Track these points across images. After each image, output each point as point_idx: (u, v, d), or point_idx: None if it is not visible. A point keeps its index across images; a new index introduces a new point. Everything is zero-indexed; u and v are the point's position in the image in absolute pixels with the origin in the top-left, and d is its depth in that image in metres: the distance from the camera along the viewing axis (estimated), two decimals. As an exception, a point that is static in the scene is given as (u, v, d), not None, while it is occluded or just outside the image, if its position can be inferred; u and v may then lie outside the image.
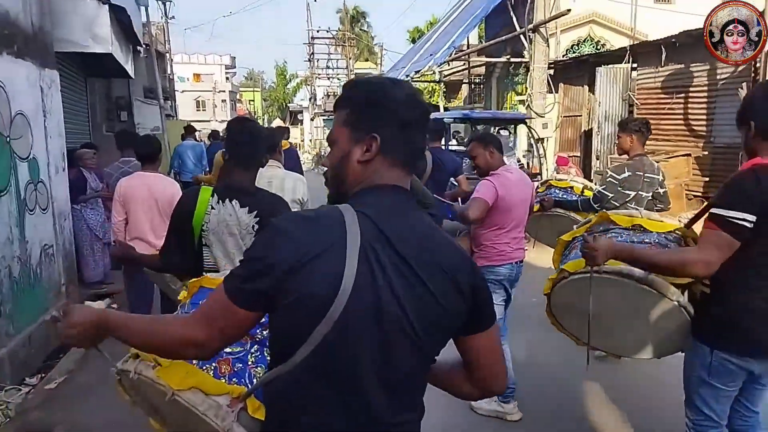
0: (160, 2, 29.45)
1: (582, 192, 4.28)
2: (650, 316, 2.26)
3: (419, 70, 13.43)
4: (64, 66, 8.99)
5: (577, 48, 13.91)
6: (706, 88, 9.31)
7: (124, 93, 15.07)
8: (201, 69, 56.50)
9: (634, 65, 10.70)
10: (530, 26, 10.38)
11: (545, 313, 2.75)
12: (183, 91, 51.18)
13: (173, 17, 28.81)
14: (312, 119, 37.37)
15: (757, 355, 2.05)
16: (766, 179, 1.94)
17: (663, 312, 2.21)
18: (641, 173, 3.90)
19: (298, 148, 34.46)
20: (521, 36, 13.13)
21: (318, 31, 32.79)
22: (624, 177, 3.89)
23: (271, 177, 3.50)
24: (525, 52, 14.41)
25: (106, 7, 7.62)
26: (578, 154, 12.36)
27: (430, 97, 23.88)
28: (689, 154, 9.19)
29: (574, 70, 12.19)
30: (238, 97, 59.14)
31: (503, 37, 13.07)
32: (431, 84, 23.91)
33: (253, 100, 61.91)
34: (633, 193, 3.90)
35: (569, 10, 10.53)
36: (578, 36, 13.96)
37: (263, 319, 1.18)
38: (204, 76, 55.16)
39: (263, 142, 2.56)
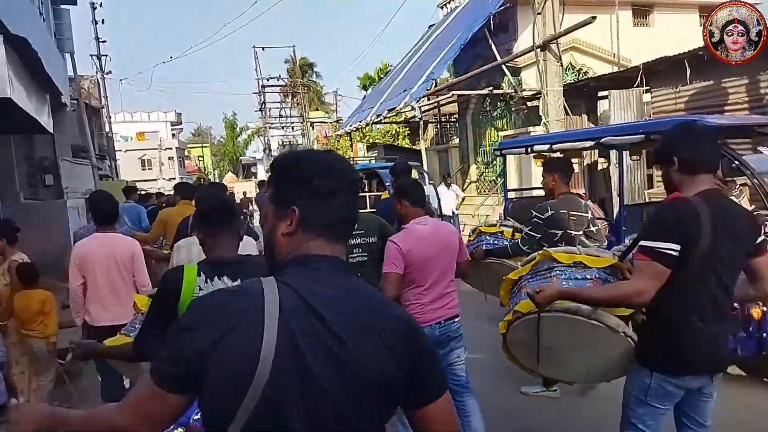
0: (94, 57, 27.89)
1: (512, 236, 4.21)
2: (599, 347, 2.44)
3: (394, 108, 11.90)
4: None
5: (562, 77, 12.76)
6: (746, 105, 8.06)
7: (48, 153, 12.92)
8: (145, 126, 54.98)
9: (646, 88, 9.44)
10: (540, 42, 9.03)
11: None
12: (126, 150, 49.55)
13: (110, 72, 26.77)
14: (267, 171, 35.55)
15: (694, 372, 2.21)
16: (684, 211, 2.11)
17: (610, 342, 2.36)
18: (565, 211, 3.88)
19: (248, 203, 32.15)
20: (503, 67, 11.88)
21: (268, 80, 31.48)
22: (548, 216, 3.85)
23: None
24: (503, 84, 13.22)
25: (0, 38, 5.71)
26: (581, 191, 10.96)
27: (394, 140, 22.54)
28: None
29: (571, 98, 10.92)
30: (186, 153, 57.41)
31: (482, 68, 11.75)
32: (394, 126, 22.63)
33: (203, 156, 60.09)
34: (560, 232, 3.85)
35: (594, 18, 9.03)
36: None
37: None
38: (148, 133, 53.56)
39: (237, 210, 2.39)
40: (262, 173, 40.30)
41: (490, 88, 12.26)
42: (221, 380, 1.02)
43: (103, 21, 27.45)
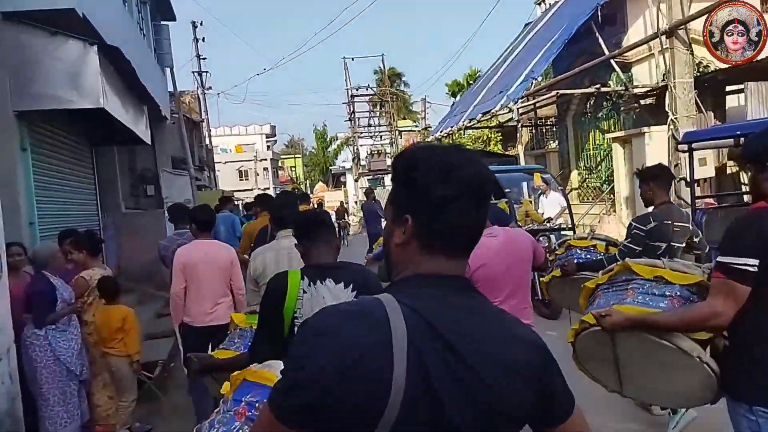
0: (195, 74, 29.28)
1: (606, 250, 3.93)
2: (672, 369, 2.25)
3: (489, 110, 11.15)
4: (57, 131, 7.15)
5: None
6: None
7: (150, 164, 13.41)
8: (242, 139, 57.36)
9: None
10: (666, 28, 7.98)
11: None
12: (226, 162, 51.92)
13: (210, 87, 27.98)
14: (356, 180, 35.70)
15: None
16: (765, 223, 1.95)
17: (685, 367, 2.17)
18: (669, 222, 3.62)
19: (344, 213, 32.23)
20: (611, 63, 10.78)
21: (357, 89, 31.55)
22: (651, 228, 3.59)
23: (290, 248, 3.06)
24: (610, 81, 12.06)
25: (94, 48, 5.69)
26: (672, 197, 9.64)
27: (485, 146, 21.63)
28: None
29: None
30: (279, 164, 59.31)
31: (587, 65, 10.73)
32: (485, 131, 21.73)
33: (295, 167, 61.79)
34: (664, 245, 3.57)
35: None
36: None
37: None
38: (245, 146, 55.81)
39: (328, 225, 2.50)
40: (351, 182, 40.59)
41: (597, 86, 11.18)
42: (347, 414, 0.92)
43: (203, 39, 28.92)
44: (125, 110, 7.39)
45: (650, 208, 3.76)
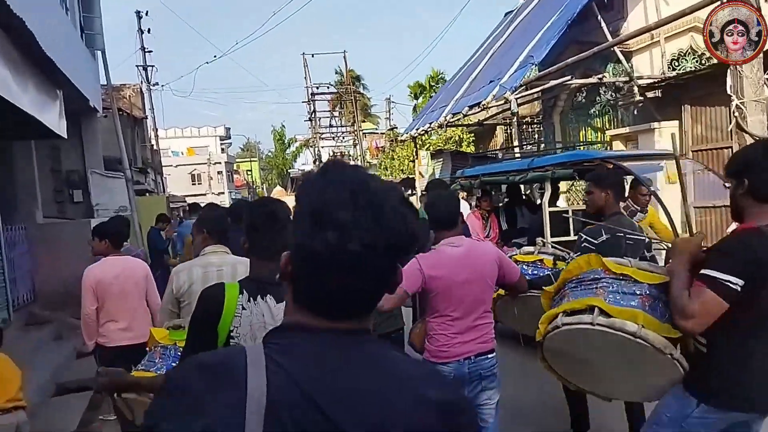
0: (140, 68, 26.98)
1: (554, 264, 3.60)
2: (643, 368, 2.29)
3: (478, 102, 9.65)
4: None
5: (677, 63, 10.28)
6: None
7: (78, 165, 11.40)
8: (195, 142, 55.32)
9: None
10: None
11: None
12: (177, 165, 49.85)
13: (156, 83, 25.73)
14: (317, 184, 33.91)
15: (749, 410, 2.11)
16: (756, 246, 1.98)
17: (656, 364, 2.23)
18: (621, 234, 3.36)
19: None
20: (613, 51, 9.50)
21: (318, 87, 29.85)
22: (602, 241, 3.33)
23: (221, 264, 3.02)
24: (606, 73, 10.80)
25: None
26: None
27: (457, 147, 20.29)
28: None
29: (705, 85, 8.49)
30: (234, 167, 57.39)
31: (583, 54, 9.40)
32: (457, 132, 20.41)
33: (251, 170, 59.73)
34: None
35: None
36: (678, 48, 10.38)
37: None
38: (198, 148, 53.83)
39: (289, 224, 1.68)
40: (312, 186, 38.82)
41: (601, 76, 9.88)
42: None
43: (149, 30, 26.65)
44: (22, 90, 5.54)
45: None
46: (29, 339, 6.95)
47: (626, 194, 3.70)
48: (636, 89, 9.89)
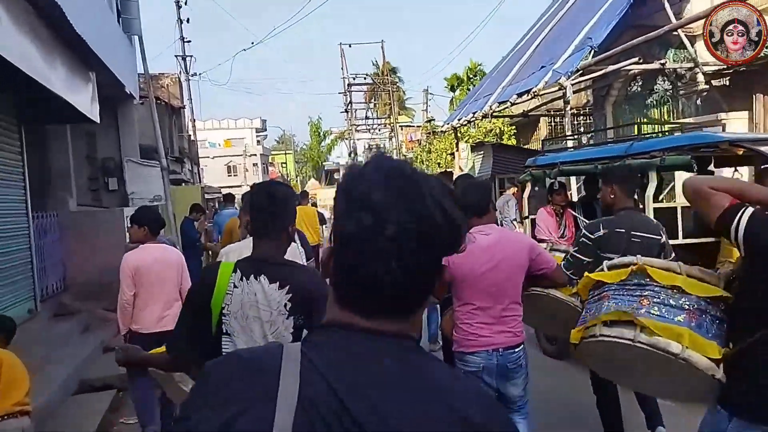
0: (179, 58, 27.04)
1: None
2: (685, 382, 2.24)
3: (529, 89, 9.00)
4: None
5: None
6: None
7: (113, 153, 11.24)
8: (231, 134, 55.98)
9: None
10: None
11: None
12: (214, 157, 50.49)
13: (195, 74, 25.72)
14: (352, 177, 33.47)
15: None
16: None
17: (697, 380, 2.16)
18: (623, 230, 3.22)
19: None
20: (677, 35, 8.73)
21: (354, 78, 29.43)
22: (599, 236, 3.25)
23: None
24: (667, 59, 9.99)
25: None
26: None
27: (497, 140, 19.56)
28: None
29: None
30: (269, 160, 57.76)
31: (643, 37, 8.66)
32: (498, 124, 19.69)
33: (286, 163, 59.97)
34: (615, 257, 2.87)
35: None
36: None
37: None
38: (235, 140, 54.50)
39: (288, 205, 2.19)
40: (346, 179, 38.53)
41: (663, 62, 9.12)
42: None
43: (188, 20, 26.64)
44: (50, 68, 5.24)
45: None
46: (56, 330, 6.72)
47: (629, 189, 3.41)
48: (701, 77, 9.10)
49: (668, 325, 2.13)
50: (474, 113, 11.88)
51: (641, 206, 4.37)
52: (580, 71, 8.35)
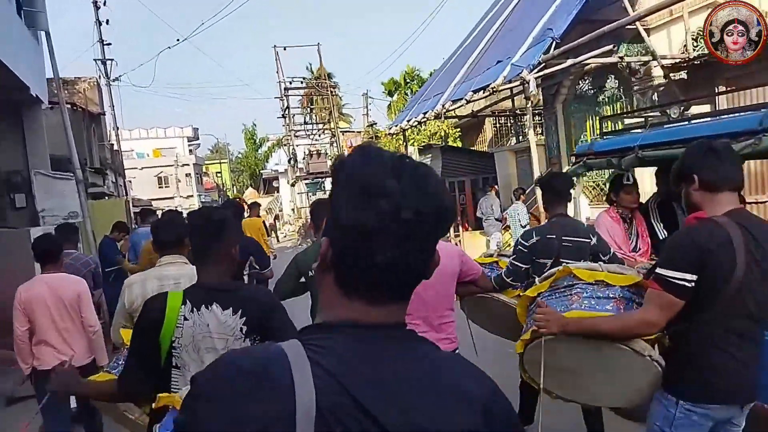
0: (98, 62, 25.11)
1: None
2: (624, 371, 2.28)
3: (487, 85, 8.37)
4: None
5: (696, 43, 9.26)
6: None
7: (20, 165, 9.80)
8: (161, 143, 53.49)
9: None
10: None
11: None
12: (143, 168, 48.28)
13: (117, 78, 23.90)
14: (293, 184, 32.23)
15: (723, 401, 2.09)
16: (702, 236, 1.99)
17: (635, 366, 2.21)
18: (554, 236, 3.35)
19: (277, 220, 28.98)
20: (633, 28, 8.43)
21: (291, 82, 28.28)
22: (533, 243, 3.37)
23: (178, 276, 2.84)
24: (619, 53, 9.68)
25: None
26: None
27: (443, 142, 19.13)
28: None
29: (745, 63, 7.47)
30: (204, 170, 55.67)
31: (597, 31, 8.28)
32: (443, 126, 19.27)
33: (221, 172, 57.88)
34: (550, 261, 3.31)
35: None
36: (697, 26, 9.38)
37: None
38: (165, 150, 52.19)
39: (227, 228, 2.13)
40: (285, 187, 37.28)
41: (621, 55, 8.76)
42: None
43: (107, 21, 24.78)
44: None
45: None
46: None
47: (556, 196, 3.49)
48: (658, 70, 8.83)
49: (599, 314, 2.26)
50: (425, 113, 11.24)
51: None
52: (543, 64, 7.84)
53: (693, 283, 1.95)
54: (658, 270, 2.03)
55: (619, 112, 10.57)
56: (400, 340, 0.85)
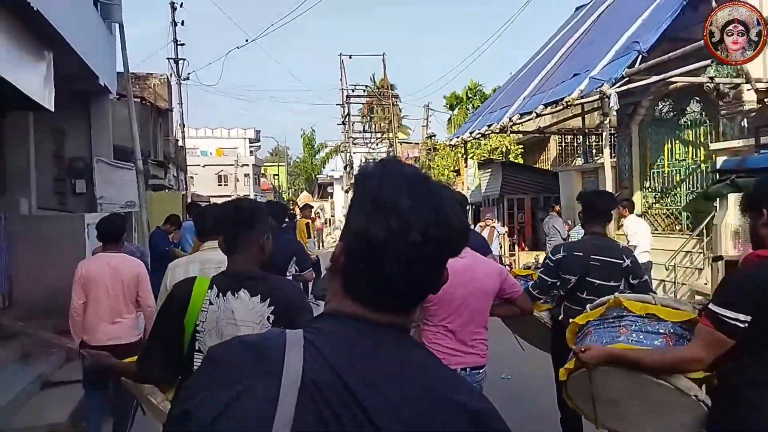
0: (171, 60, 25.94)
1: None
2: (667, 407, 2.23)
3: (561, 98, 7.81)
4: None
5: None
6: None
7: (84, 152, 9.99)
8: (224, 143, 55.12)
9: None
10: None
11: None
12: (205, 165, 49.66)
13: (187, 77, 24.61)
14: (347, 190, 32.29)
15: None
16: (761, 276, 1.94)
17: (680, 404, 2.16)
18: (581, 254, 3.38)
19: (327, 224, 29.06)
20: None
21: (354, 90, 28.33)
22: (559, 258, 3.42)
23: (221, 261, 2.60)
24: (712, 72, 8.93)
25: None
26: None
27: (504, 158, 18.49)
28: None
29: None
30: (262, 171, 56.91)
31: (684, 49, 7.60)
32: (505, 142, 18.66)
33: (278, 175, 58.99)
34: (574, 278, 3.37)
35: None
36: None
37: None
38: (227, 150, 53.77)
39: (255, 217, 2.17)
40: (339, 193, 37.41)
41: (711, 76, 8.06)
42: None
43: (183, 23, 25.67)
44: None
45: None
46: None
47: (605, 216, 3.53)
48: (751, 95, 8.07)
49: (647, 348, 2.22)
50: (490, 125, 10.76)
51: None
52: (626, 79, 7.26)
53: (746, 324, 1.88)
54: (711, 306, 1.98)
55: (702, 137, 9.79)
56: (397, 340, 0.88)
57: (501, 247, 12.25)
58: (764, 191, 2.04)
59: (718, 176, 4.29)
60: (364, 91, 29.45)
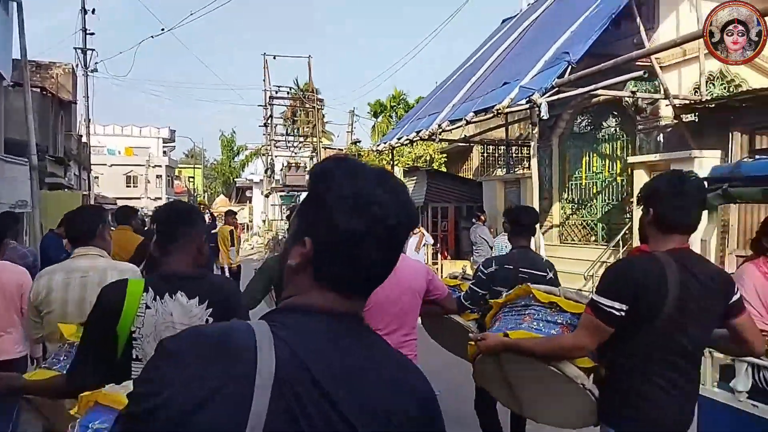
0: (78, 50, 24.07)
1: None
2: (559, 393, 2.34)
3: (491, 106, 7.73)
4: None
5: (706, 89, 8.91)
6: None
7: (-33, 144, 8.81)
8: (135, 141, 52.04)
9: None
10: None
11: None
12: (112, 165, 46.84)
13: (95, 69, 22.84)
14: (267, 195, 31.21)
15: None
16: (638, 270, 2.04)
17: (569, 391, 2.26)
18: (512, 267, 3.53)
19: (245, 230, 27.94)
20: (652, 61, 8.02)
21: (277, 92, 27.52)
22: (491, 271, 3.55)
23: (87, 270, 2.78)
24: (627, 89, 9.27)
25: None
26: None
27: (428, 166, 18.57)
28: None
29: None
30: (176, 173, 54.28)
31: (607, 63, 7.82)
32: (429, 150, 18.74)
33: (194, 177, 56.47)
34: (505, 290, 3.19)
35: None
36: (708, 69, 9.05)
37: None
38: (137, 149, 50.80)
39: (192, 216, 2.14)
40: (259, 197, 36.26)
41: (633, 90, 8.31)
42: None
43: (93, 11, 23.88)
44: None
45: None
46: None
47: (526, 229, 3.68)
48: (668, 110, 8.42)
49: (540, 336, 2.32)
50: (418, 132, 10.62)
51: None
52: (555, 89, 7.31)
53: (623, 313, 1.98)
54: (593, 296, 2.09)
55: (619, 151, 10.15)
56: (359, 330, 0.93)
57: (425, 255, 12.16)
58: (652, 190, 2.10)
59: (707, 185, 3.78)
60: (288, 93, 28.73)
